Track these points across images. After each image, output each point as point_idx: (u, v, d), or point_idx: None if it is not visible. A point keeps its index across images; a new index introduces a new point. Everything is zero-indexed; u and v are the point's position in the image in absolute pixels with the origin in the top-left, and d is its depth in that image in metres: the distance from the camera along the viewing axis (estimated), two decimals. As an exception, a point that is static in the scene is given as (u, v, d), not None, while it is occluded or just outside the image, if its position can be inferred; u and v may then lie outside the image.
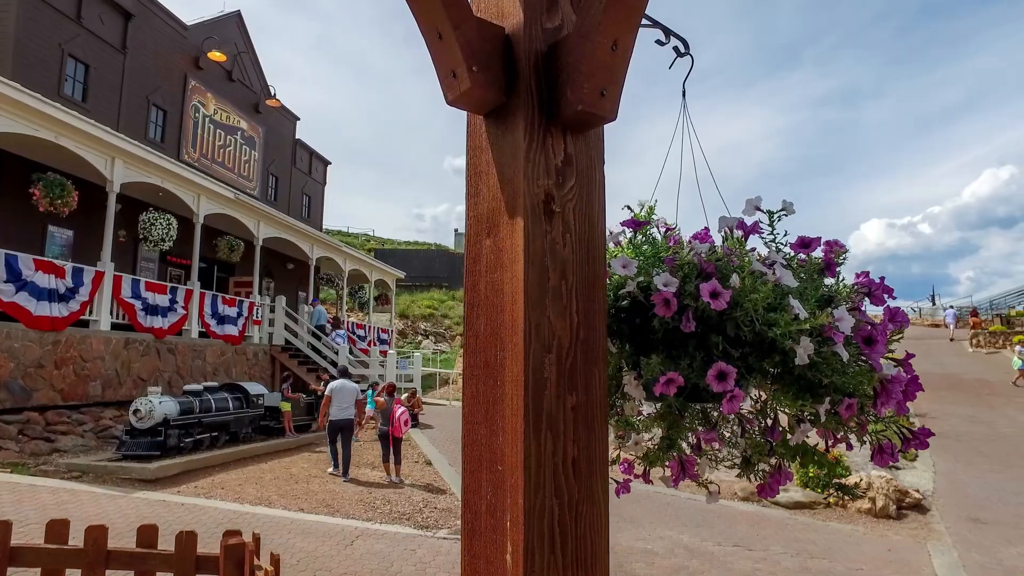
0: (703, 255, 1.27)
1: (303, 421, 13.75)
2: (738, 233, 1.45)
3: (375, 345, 21.91)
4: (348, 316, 24.67)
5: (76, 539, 2.90)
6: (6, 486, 7.36)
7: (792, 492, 9.90)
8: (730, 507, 9.81)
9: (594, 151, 1.24)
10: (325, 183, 28.63)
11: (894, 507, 9.44)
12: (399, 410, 9.79)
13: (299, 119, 26.26)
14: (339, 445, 10.12)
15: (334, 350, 17.51)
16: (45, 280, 10.41)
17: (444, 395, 20.88)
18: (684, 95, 1.62)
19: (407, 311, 33.12)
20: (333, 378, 11.40)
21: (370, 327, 23.34)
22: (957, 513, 9.45)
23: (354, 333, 21.63)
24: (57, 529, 2.95)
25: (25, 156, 12.06)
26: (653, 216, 1.47)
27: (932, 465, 12.11)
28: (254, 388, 12.21)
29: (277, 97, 23.38)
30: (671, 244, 1.46)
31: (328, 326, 18.81)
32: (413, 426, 13.57)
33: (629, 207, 1.49)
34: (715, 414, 1.55)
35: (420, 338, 30.51)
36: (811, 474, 9.94)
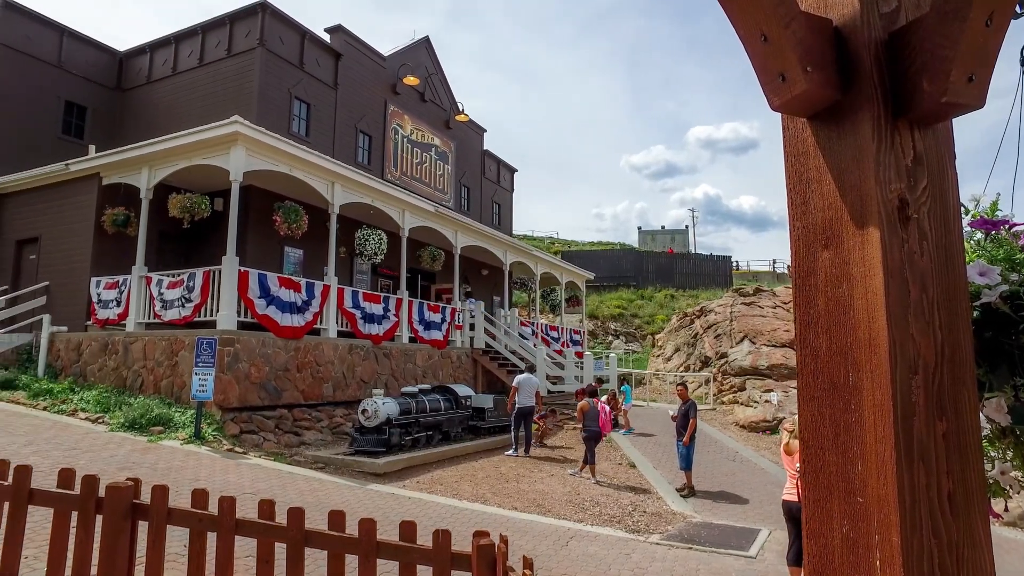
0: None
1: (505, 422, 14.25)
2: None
3: (568, 347, 22.24)
4: (540, 318, 25.31)
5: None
6: (273, 472, 8.54)
7: (1070, 515, 8.35)
8: (993, 533, 8.52)
9: (944, 146, 1.10)
10: (512, 190, 29.70)
11: None
12: (605, 410, 9.83)
13: (485, 131, 27.51)
14: (522, 429, 11.65)
15: (531, 353, 18.07)
16: (287, 294, 11.93)
17: (640, 396, 20.61)
18: (1023, 63, 1.40)
19: (596, 311, 33.24)
20: (519, 372, 12.87)
21: (562, 328, 23.74)
22: None
23: (547, 335, 22.14)
24: (336, 519, 3.31)
25: (267, 188, 13.94)
26: (998, 212, 1.28)
27: None
28: (462, 390, 12.96)
29: (465, 112, 24.73)
30: (1021, 244, 1.26)
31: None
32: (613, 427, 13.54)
33: (963, 204, 1.31)
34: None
35: (610, 338, 30.45)
36: None
